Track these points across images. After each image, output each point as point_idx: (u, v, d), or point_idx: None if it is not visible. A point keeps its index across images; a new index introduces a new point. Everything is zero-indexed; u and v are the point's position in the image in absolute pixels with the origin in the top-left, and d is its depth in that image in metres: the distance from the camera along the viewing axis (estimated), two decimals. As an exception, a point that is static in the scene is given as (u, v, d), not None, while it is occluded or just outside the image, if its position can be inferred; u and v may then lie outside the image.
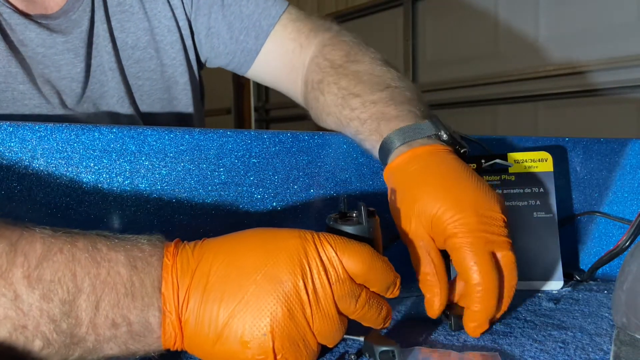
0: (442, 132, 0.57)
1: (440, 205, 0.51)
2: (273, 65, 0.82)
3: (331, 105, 0.69)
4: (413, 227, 0.52)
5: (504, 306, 0.53)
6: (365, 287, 0.44)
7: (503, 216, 0.51)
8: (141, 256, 0.41)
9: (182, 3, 0.80)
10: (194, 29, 0.82)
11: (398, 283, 0.45)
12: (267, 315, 0.39)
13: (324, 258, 0.41)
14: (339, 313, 0.42)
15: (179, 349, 0.41)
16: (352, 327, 0.45)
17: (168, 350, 0.41)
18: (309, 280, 0.40)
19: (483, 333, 0.52)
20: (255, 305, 0.39)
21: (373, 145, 0.61)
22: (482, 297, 0.50)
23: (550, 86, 2.11)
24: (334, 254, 0.42)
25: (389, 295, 0.45)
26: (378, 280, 0.44)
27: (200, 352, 0.41)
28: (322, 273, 0.41)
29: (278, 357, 0.40)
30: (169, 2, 0.79)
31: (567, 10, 2.05)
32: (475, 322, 0.51)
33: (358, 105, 0.65)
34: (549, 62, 2.10)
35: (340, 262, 0.42)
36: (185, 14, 0.81)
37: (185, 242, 0.43)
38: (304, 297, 0.40)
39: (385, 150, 0.58)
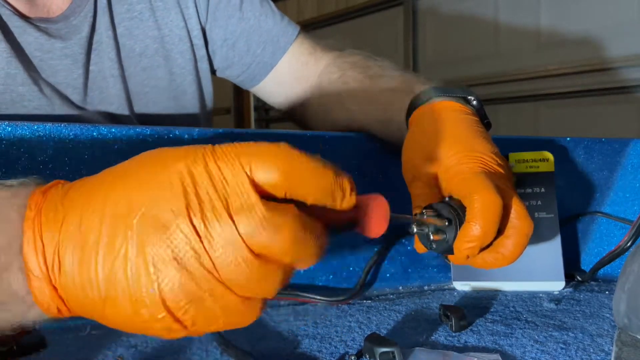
0: (473, 98, 0.60)
1: (455, 153, 0.52)
2: (284, 79, 0.85)
3: (356, 89, 0.73)
4: (421, 167, 0.54)
5: (514, 250, 0.50)
6: (294, 204, 0.33)
7: (513, 181, 0.53)
8: None
9: (197, 14, 0.81)
10: (208, 39, 0.83)
11: (347, 186, 0.34)
12: (149, 268, 0.31)
13: (218, 179, 0.31)
14: (255, 254, 0.32)
15: (69, 315, 0.34)
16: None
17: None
18: (199, 217, 0.31)
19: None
20: (136, 259, 0.31)
21: (404, 104, 0.63)
22: (480, 208, 0.47)
23: (551, 86, 2.10)
24: (234, 169, 0.32)
25: (340, 205, 0.34)
26: (309, 187, 0.33)
27: (95, 316, 0.33)
28: (218, 202, 0.31)
29: (178, 315, 0.32)
30: (182, 13, 0.80)
31: (567, 9, 2.04)
32: (466, 237, 0.48)
33: (387, 81, 0.69)
34: (550, 62, 2.09)
35: (248, 177, 0.31)
36: (200, 24, 0.82)
37: (62, 184, 0.35)
38: (195, 241, 0.31)
39: (417, 100, 0.61)
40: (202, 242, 0.31)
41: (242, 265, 0.31)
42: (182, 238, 0.31)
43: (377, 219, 0.38)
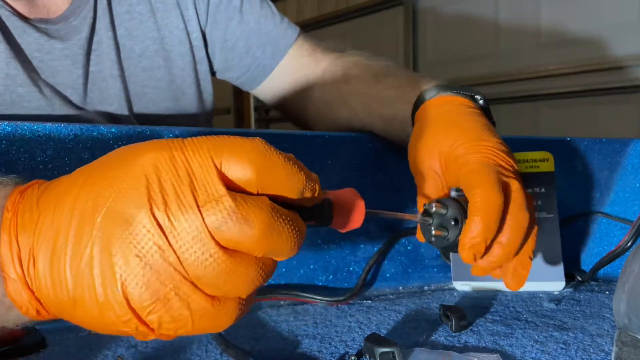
0: (480, 97, 0.61)
1: (462, 143, 0.53)
2: (284, 81, 0.85)
3: (360, 86, 0.74)
4: (429, 157, 0.55)
5: (528, 244, 0.51)
6: (266, 198, 0.31)
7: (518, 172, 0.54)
8: None
9: (197, 16, 0.81)
10: (208, 40, 0.83)
11: (317, 186, 0.33)
12: (114, 267, 0.30)
13: (185, 171, 0.30)
14: (224, 249, 0.30)
15: (49, 318, 0.33)
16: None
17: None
18: (162, 210, 0.29)
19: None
20: (100, 257, 0.30)
21: (410, 100, 0.63)
22: (482, 203, 0.47)
23: (551, 86, 2.10)
24: (202, 161, 0.30)
25: (307, 197, 0.33)
26: (281, 183, 0.32)
27: (67, 318, 0.32)
28: (183, 195, 0.29)
29: (144, 316, 0.30)
30: (182, 15, 0.80)
31: (567, 9, 2.04)
32: (469, 234, 0.47)
33: (391, 80, 0.70)
34: (550, 62, 2.09)
35: (217, 170, 0.30)
36: (200, 26, 0.82)
37: (39, 184, 0.34)
38: (158, 235, 0.29)
39: (424, 96, 0.61)
40: (166, 237, 0.29)
41: (210, 261, 0.30)
42: (144, 233, 0.29)
43: (352, 214, 0.37)
